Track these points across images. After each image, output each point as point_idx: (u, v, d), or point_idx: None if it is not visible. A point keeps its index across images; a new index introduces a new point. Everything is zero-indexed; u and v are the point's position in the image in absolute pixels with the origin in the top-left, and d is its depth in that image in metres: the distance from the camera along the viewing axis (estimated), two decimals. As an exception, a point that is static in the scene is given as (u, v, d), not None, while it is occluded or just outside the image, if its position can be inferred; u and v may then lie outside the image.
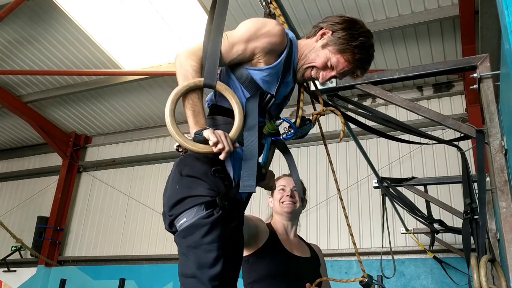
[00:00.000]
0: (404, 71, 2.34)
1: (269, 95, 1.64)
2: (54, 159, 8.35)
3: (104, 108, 7.54)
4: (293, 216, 2.40)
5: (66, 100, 7.42)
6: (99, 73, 6.52)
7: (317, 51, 1.69)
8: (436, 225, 4.20)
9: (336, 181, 2.42)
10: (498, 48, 2.45)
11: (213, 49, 1.57)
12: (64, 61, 6.42)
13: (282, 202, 2.37)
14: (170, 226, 1.54)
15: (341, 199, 2.45)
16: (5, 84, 7.06)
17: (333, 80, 2.40)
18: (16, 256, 7.79)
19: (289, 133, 1.76)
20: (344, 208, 2.43)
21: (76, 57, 6.34)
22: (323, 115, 1.89)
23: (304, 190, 2.52)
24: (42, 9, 5.59)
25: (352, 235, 2.37)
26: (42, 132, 7.75)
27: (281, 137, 1.74)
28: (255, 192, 1.50)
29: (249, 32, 1.59)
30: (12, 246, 7.78)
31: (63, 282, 6.14)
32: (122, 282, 5.86)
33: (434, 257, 4.82)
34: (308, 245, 2.49)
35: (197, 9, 5.20)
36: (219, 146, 1.41)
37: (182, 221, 1.47)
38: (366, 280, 2.34)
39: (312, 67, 1.71)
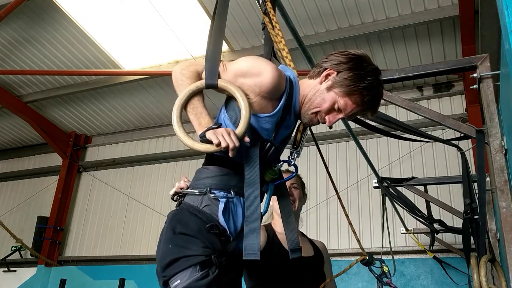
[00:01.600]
0: (404, 71, 2.34)
1: (268, 144, 1.55)
2: (54, 159, 8.35)
3: (104, 108, 7.54)
4: (293, 215, 2.37)
5: (66, 100, 7.42)
6: (99, 73, 6.52)
7: (322, 94, 1.56)
8: (436, 225, 4.20)
9: (332, 182, 2.43)
10: (498, 48, 2.45)
11: (213, 50, 1.55)
12: (64, 61, 6.42)
13: None
14: (165, 285, 1.47)
15: (339, 199, 2.45)
16: (5, 84, 7.06)
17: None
18: (16, 256, 7.79)
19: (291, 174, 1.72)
20: (343, 207, 2.43)
21: (76, 57, 6.34)
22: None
23: (303, 185, 2.49)
24: (42, 9, 5.59)
25: (347, 216, 2.37)
26: (42, 132, 7.75)
27: (283, 178, 1.67)
28: (259, 259, 1.41)
29: (241, 68, 1.51)
30: (12, 246, 7.78)
31: (63, 282, 6.13)
32: (122, 282, 5.85)
33: (434, 257, 4.82)
34: (312, 242, 2.45)
35: (197, 9, 5.20)
36: (223, 144, 1.36)
37: (176, 283, 1.40)
38: (367, 258, 2.36)
39: (318, 112, 1.59)
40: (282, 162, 1.62)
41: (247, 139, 1.44)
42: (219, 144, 1.36)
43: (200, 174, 1.59)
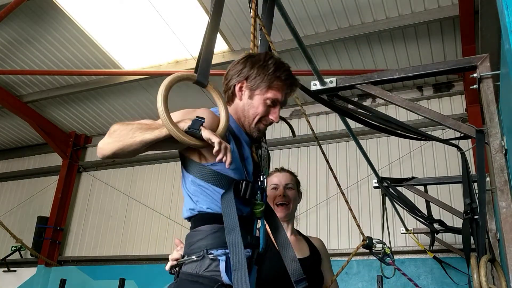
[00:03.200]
0: (404, 71, 2.34)
1: (244, 182, 1.51)
2: (54, 159, 8.35)
3: (104, 108, 7.54)
4: (288, 216, 2.34)
5: (66, 100, 7.42)
6: (99, 73, 6.52)
7: (250, 104, 1.61)
8: (436, 225, 4.20)
9: (335, 176, 2.42)
10: (498, 48, 2.45)
11: (207, 47, 1.53)
12: (64, 61, 6.42)
13: (276, 204, 2.30)
14: None
15: (341, 190, 2.45)
16: (5, 84, 7.06)
17: (333, 80, 2.41)
18: (16, 256, 7.79)
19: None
20: (344, 195, 2.43)
21: (76, 57, 6.34)
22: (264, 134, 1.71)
23: (298, 183, 2.47)
24: (42, 9, 5.59)
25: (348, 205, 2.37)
26: (42, 132, 7.76)
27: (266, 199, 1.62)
28: None
29: (176, 118, 1.43)
30: (12, 246, 7.78)
31: (63, 282, 6.14)
32: (122, 282, 5.85)
33: (434, 257, 4.82)
34: (308, 240, 2.42)
35: (197, 9, 5.20)
36: (220, 157, 1.34)
37: None
38: (367, 242, 2.36)
39: (260, 119, 1.62)
40: (258, 192, 1.57)
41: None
42: (218, 152, 1.33)
43: (192, 239, 1.53)
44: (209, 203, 1.51)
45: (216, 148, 1.34)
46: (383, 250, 2.49)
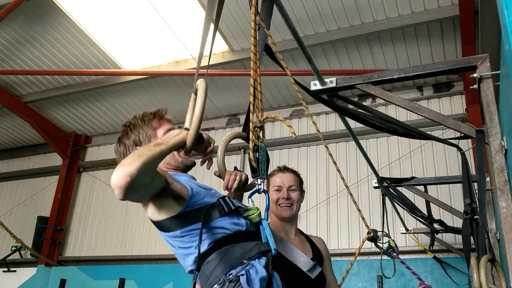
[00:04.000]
0: (404, 71, 2.33)
1: (220, 199, 1.54)
2: (54, 159, 8.35)
3: (104, 108, 7.54)
4: (292, 217, 2.34)
5: (66, 100, 7.42)
6: (99, 73, 6.52)
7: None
8: (436, 225, 4.20)
9: (338, 170, 2.42)
10: (498, 48, 2.46)
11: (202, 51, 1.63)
12: (64, 61, 6.42)
13: (279, 205, 2.30)
14: None
15: (344, 181, 2.45)
16: (5, 84, 7.06)
17: (333, 80, 2.41)
18: (16, 256, 7.79)
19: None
20: (347, 186, 2.44)
21: (76, 57, 6.34)
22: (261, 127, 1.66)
23: (301, 183, 2.45)
24: (42, 9, 5.59)
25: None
26: (42, 132, 7.76)
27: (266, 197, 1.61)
28: None
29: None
30: (12, 246, 7.78)
31: (63, 282, 6.15)
32: (122, 282, 5.86)
33: (434, 257, 4.82)
34: (310, 240, 2.40)
35: (197, 9, 5.20)
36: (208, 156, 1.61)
37: None
38: (372, 235, 2.36)
39: (177, 154, 1.68)
40: (250, 195, 1.56)
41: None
42: (211, 151, 1.61)
43: (206, 273, 1.51)
44: (206, 239, 1.53)
45: (211, 147, 1.57)
46: (388, 243, 2.49)
